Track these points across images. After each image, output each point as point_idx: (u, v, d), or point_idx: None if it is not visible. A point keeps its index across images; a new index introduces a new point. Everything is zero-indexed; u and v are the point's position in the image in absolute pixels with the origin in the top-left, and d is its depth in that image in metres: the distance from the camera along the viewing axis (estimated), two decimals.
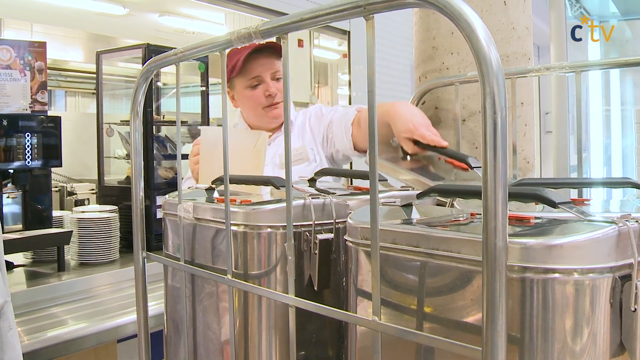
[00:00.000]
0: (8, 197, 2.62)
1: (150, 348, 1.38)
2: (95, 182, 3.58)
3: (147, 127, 3.01)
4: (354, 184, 1.78)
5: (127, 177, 3.26)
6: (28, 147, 2.51)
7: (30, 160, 2.52)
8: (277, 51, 2.12)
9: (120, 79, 4.58)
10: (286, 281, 1.02)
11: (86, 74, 7.09)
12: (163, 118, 3.36)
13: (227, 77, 2.12)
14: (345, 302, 1.08)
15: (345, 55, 4.83)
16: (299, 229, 1.14)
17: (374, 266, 0.82)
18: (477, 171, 1.51)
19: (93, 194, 3.98)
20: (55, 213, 2.82)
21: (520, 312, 0.77)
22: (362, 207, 1.15)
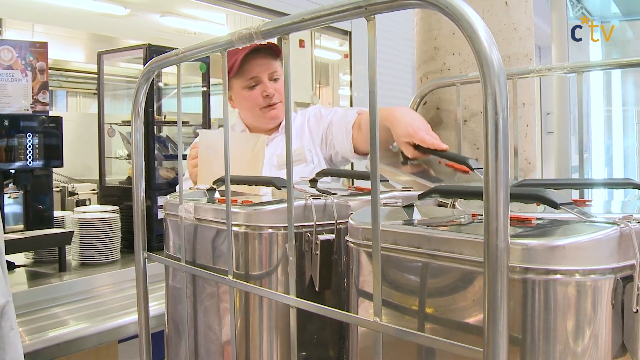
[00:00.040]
0: (9, 197, 2.62)
1: (151, 348, 1.38)
2: (96, 182, 3.58)
3: (148, 127, 3.00)
4: (355, 184, 1.78)
5: (129, 177, 3.26)
6: (29, 147, 2.51)
7: (32, 161, 2.52)
8: (274, 52, 2.11)
9: (122, 79, 4.57)
10: (287, 282, 1.02)
11: (87, 74, 7.09)
12: (164, 118, 3.36)
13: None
14: (347, 303, 1.08)
15: (346, 56, 4.83)
16: (300, 230, 1.14)
17: (375, 267, 0.81)
18: (477, 173, 1.51)
19: (94, 194, 3.98)
20: (57, 213, 2.82)
21: (522, 313, 0.77)
22: (364, 208, 1.15)
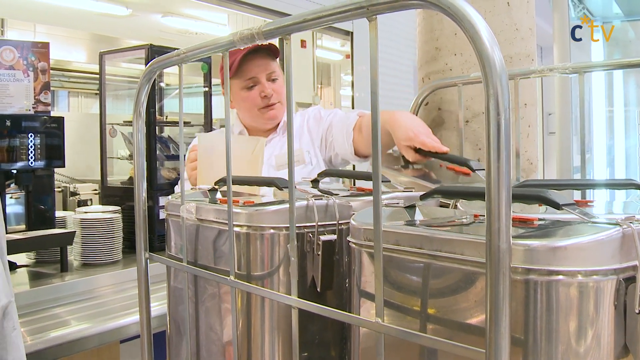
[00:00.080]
0: (11, 198, 2.62)
1: (152, 349, 1.38)
2: (98, 182, 3.58)
3: (150, 127, 3.00)
4: (356, 185, 1.78)
5: (130, 177, 3.26)
6: (31, 147, 2.51)
7: (33, 161, 2.52)
8: (272, 52, 2.11)
9: (123, 79, 4.59)
10: (289, 282, 1.02)
11: (89, 75, 7.09)
12: (166, 119, 3.36)
13: (222, 78, 2.12)
14: (348, 304, 1.08)
15: (348, 56, 4.82)
16: (302, 230, 1.14)
17: (377, 267, 0.81)
18: (479, 173, 1.51)
19: (96, 194, 3.98)
20: (58, 213, 2.82)
21: (524, 314, 0.77)
22: (365, 208, 1.15)
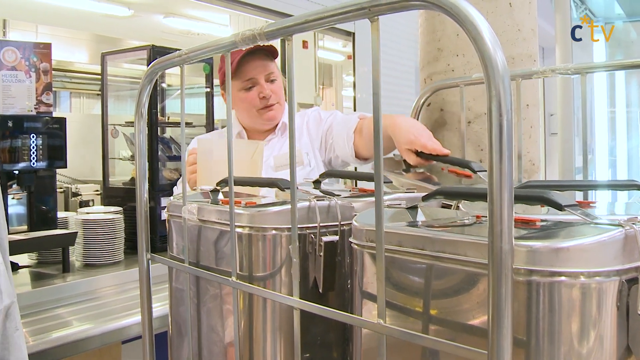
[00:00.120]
0: (13, 198, 2.62)
1: (154, 349, 1.38)
2: (99, 183, 3.59)
3: (152, 128, 3.01)
4: (358, 186, 1.78)
5: (132, 178, 3.26)
6: (33, 148, 2.52)
7: (35, 162, 2.53)
8: (270, 53, 2.11)
9: (125, 80, 4.59)
10: (291, 283, 1.02)
11: (91, 75, 7.09)
12: (168, 119, 3.36)
13: (221, 79, 2.12)
14: (350, 305, 1.08)
15: (349, 57, 4.83)
16: (303, 231, 1.14)
17: (379, 269, 0.81)
18: (480, 175, 1.51)
19: (98, 195, 3.99)
20: (60, 214, 2.82)
21: (527, 315, 0.77)
22: (368, 209, 1.15)
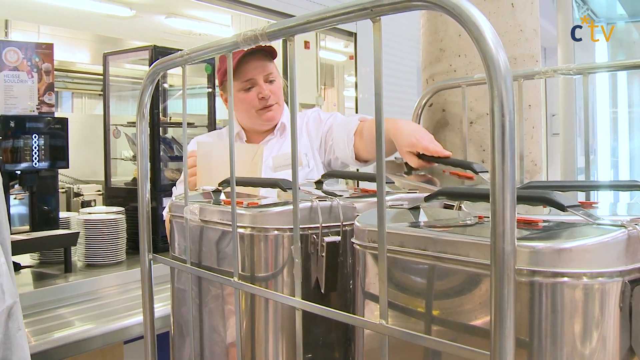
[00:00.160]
0: (15, 199, 2.63)
1: (156, 350, 1.38)
2: (101, 183, 3.59)
3: (154, 128, 3.01)
4: (360, 186, 1.78)
5: (134, 178, 3.26)
6: (35, 148, 2.52)
7: (37, 162, 2.53)
8: (269, 53, 2.11)
9: (127, 80, 4.58)
10: (293, 284, 1.02)
11: (93, 76, 7.09)
12: (170, 120, 3.37)
13: (220, 80, 2.12)
14: (352, 305, 1.08)
15: (351, 57, 4.82)
16: (306, 232, 1.14)
17: (381, 269, 0.81)
18: (482, 176, 1.51)
19: (99, 195, 3.99)
20: (62, 214, 2.83)
21: (529, 316, 0.77)
22: (370, 210, 1.15)
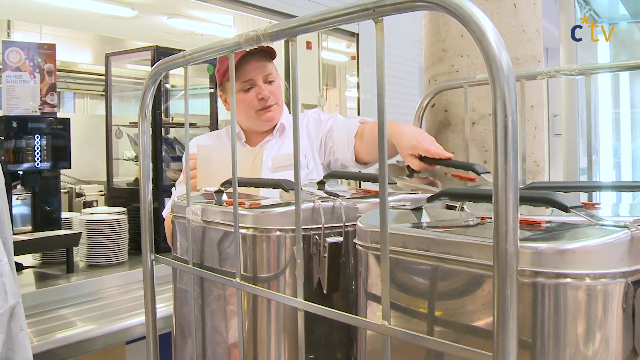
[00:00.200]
0: (17, 199, 2.63)
1: (158, 350, 1.38)
2: (104, 183, 3.59)
3: (156, 129, 3.01)
4: (362, 187, 1.78)
5: (136, 179, 3.27)
6: (37, 148, 2.52)
7: (40, 162, 2.53)
8: (269, 54, 2.10)
9: (129, 80, 4.59)
10: (295, 284, 1.02)
11: (95, 76, 7.11)
12: (172, 120, 3.37)
13: (219, 80, 2.11)
14: (355, 306, 1.08)
15: (353, 58, 4.82)
16: (308, 232, 1.14)
17: (383, 270, 0.81)
18: (484, 177, 1.51)
19: (102, 195, 3.99)
20: (64, 215, 2.83)
21: (532, 317, 0.77)
22: (372, 211, 1.15)
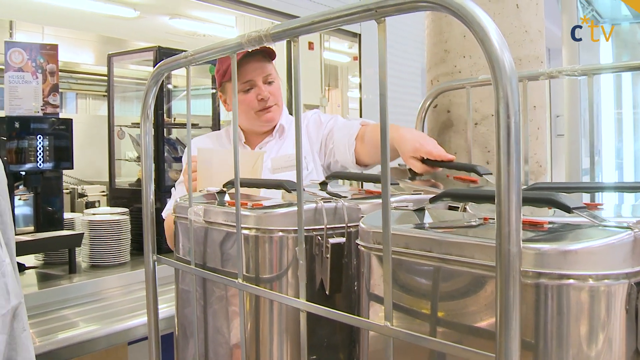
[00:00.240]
0: (20, 199, 2.63)
1: (160, 351, 1.38)
2: (106, 184, 3.60)
3: (158, 129, 3.01)
4: (365, 187, 1.78)
5: (138, 179, 3.27)
6: (40, 149, 2.52)
7: (42, 163, 2.53)
8: (268, 55, 2.10)
9: (131, 81, 4.59)
10: (297, 285, 1.02)
11: (97, 77, 7.11)
12: (174, 120, 3.37)
13: (219, 81, 2.11)
14: (357, 307, 1.08)
15: (355, 58, 4.82)
16: (310, 233, 1.14)
17: (386, 271, 0.81)
18: (487, 178, 1.51)
19: (104, 196, 4.00)
20: (67, 215, 2.83)
21: (535, 317, 0.76)
22: (374, 211, 1.15)
